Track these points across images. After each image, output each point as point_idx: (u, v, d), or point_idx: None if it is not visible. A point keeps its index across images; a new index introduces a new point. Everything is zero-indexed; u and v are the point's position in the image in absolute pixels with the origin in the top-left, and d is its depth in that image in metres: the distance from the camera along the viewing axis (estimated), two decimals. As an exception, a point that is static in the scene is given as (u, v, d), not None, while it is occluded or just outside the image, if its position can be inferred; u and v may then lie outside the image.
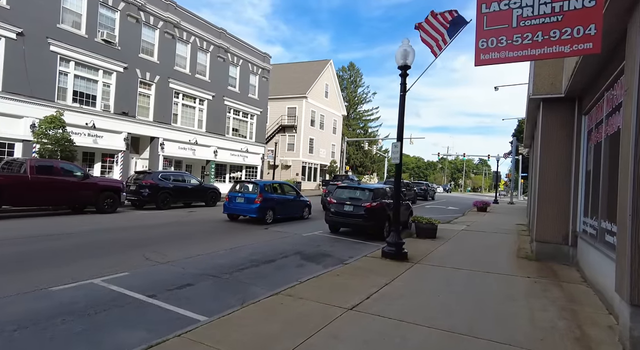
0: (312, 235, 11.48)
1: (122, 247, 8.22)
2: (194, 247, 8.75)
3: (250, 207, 13.16)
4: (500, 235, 12.85)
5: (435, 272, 7.22)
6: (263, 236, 10.85)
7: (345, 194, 12.03)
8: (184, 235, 10.26)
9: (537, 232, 8.50)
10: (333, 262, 8.04)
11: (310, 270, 7.29)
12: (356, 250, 9.67)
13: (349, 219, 11.51)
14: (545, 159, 8.43)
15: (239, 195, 13.62)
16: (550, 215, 8.34)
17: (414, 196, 29.73)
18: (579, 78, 6.71)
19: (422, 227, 11.52)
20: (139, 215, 14.33)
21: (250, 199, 13.29)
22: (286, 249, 9.12)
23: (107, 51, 19.49)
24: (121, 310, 4.72)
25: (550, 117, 8.41)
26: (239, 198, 13.56)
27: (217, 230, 11.55)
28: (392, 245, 8.18)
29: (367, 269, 7.22)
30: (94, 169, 20.28)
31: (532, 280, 6.73)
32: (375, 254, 8.55)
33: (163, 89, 22.94)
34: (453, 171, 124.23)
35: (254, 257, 8.12)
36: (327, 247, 9.88)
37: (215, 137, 26.93)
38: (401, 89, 8.37)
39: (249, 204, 13.24)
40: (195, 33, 24.90)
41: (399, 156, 8.33)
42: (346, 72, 72.74)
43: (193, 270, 6.75)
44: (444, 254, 9.00)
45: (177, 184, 17.27)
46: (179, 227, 11.82)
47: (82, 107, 18.57)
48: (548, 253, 8.36)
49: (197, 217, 14.44)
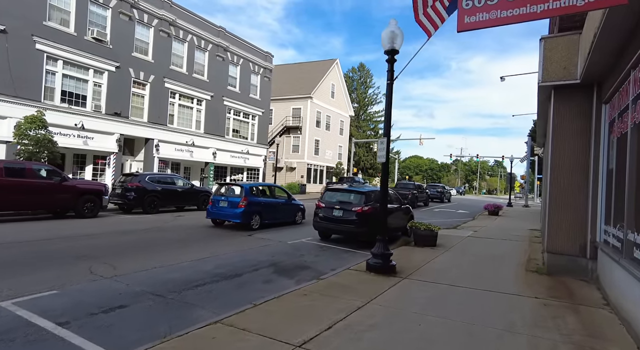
0: (298, 243, 10.43)
1: (72, 258, 7.31)
2: (156, 257, 7.79)
3: (234, 211, 12.14)
4: (510, 242, 11.58)
5: (425, 290, 6.08)
6: (242, 244, 9.85)
7: (335, 197, 10.95)
8: (154, 243, 9.33)
9: (549, 241, 7.27)
10: (309, 276, 6.98)
11: (278, 287, 6.24)
12: (343, 260, 8.59)
13: (339, 225, 10.42)
14: (558, 156, 7.22)
15: (223, 199, 12.58)
16: (564, 222, 7.11)
17: (426, 198, 29.65)
18: (598, 57, 5.53)
19: (420, 233, 10.35)
20: (121, 220, 13.51)
21: (234, 202, 12.26)
22: (261, 260, 8.09)
23: (98, 50, 18.86)
24: (4, 347, 3.74)
25: (564, 107, 7.20)
26: (223, 202, 12.51)
27: (194, 238, 10.60)
28: (378, 256, 7.08)
29: (344, 285, 6.14)
30: (85, 171, 19.66)
31: (540, 302, 5.54)
32: (360, 266, 7.46)
33: (158, 89, 22.25)
34: (467, 173, 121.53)
35: (218, 270, 7.11)
36: (310, 257, 8.81)
37: (214, 139, 26.14)
38: (388, 76, 7.28)
39: (233, 208, 12.21)
40: (193, 31, 24.18)
41: (385, 154, 7.22)
42: (356, 73, 71.52)
43: (137, 287, 5.78)
44: (440, 266, 7.84)
45: (166, 187, 16.44)
46: (155, 233, 10.91)
47: (70, 108, 17.94)
48: (562, 266, 7.13)
49: (182, 223, 13.54)
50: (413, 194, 25.79)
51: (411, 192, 25.80)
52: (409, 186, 27.65)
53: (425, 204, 29.50)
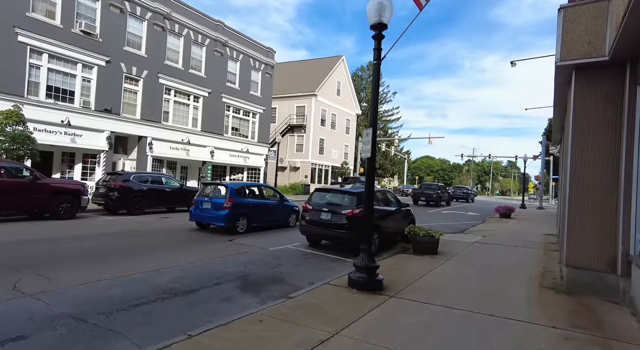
0: (281, 250, 9.32)
1: (3, 268, 6.31)
2: (109, 266, 6.77)
3: (218, 214, 11.09)
4: (522, 250, 10.29)
5: (414, 313, 4.92)
6: (217, 251, 8.78)
7: (324, 198, 9.80)
8: (115, 249, 8.32)
9: (569, 253, 6.02)
10: (279, 293, 5.87)
11: (236, 307, 5.15)
12: (327, 271, 7.46)
13: (327, 229, 9.27)
14: (580, 150, 5.97)
15: (206, 200, 11.56)
16: (588, 230, 5.86)
17: (448, 198, 32.34)
18: (634, 24, 4.30)
19: (419, 240, 9.15)
20: (98, 222, 12.60)
21: (218, 204, 11.23)
22: (229, 272, 7.00)
23: (87, 43, 18.06)
24: None
25: (588, 91, 5.95)
26: (206, 203, 11.50)
27: (167, 243, 9.57)
28: (362, 270, 5.93)
29: (316, 306, 5.02)
30: (75, 170, 18.89)
31: (560, 335, 4.34)
32: (342, 280, 6.32)
33: (152, 85, 21.39)
34: (480, 174, 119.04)
35: (173, 284, 6.04)
36: (289, 267, 7.69)
37: (212, 137, 25.22)
38: (375, 55, 6.14)
39: (217, 210, 11.18)
40: (189, 25, 23.29)
41: (371, 148, 6.07)
42: (365, 72, 70.15)
43: (59, 308, 4.73)
44: (438, 281, 6.65)
45: (153, 187, 15.50)
46: (124, 237, 9.92)
47: (57, 104, 17.16)
48: (585, 284, 5.88)
49: (164, 225, 12.56)
50: (437, 194, 28.44)
51: (435, 192, 28.58)
52: (432, 186, 30.28)
53: (447, 204, 31.61)
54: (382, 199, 10.71)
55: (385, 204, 10.68)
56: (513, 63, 17.12)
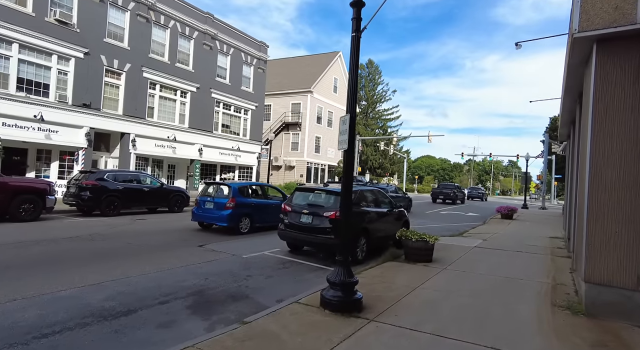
0: (256, 257, 8.26)
1: None
2: (40, 280, 5.71)
3: (221, 214, 10.74)
4: (527, 256, 9.22)
5: (395, 346, 3.85)
6: (181, 259, 7.70)
7: (305, 199, 8.73)
8: (61, 258, 7.24)
9: (587, 266, 4.95)
10: (238, 314, 4.83)
11: (175, 335, 4.10)
12: (302, 284, 6.40)
13: (308, 234, 8.18)
14: (602, 140, 4.90)
15: (209, 200, 11.25)
16: (613, 239, 4.79)
17: (462, 197, 36.13)
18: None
19: (412, 246, 8.08)
20: (64, 224, 11.55)
21: (221, 204, 10.89)
22: (184, 286, 5.93)
23: (62, 33, 16.99)
24: None
25: (613, 69, 4.87)
26: (209, 203, 11.20)
27: (130, 249, 8.50)
28: (337, 287, 4.87)
29: (272, 336, 3.96)
30: (51, 168, 17.83)
31: (587, 381, 3.27)
32: (314, 297, 5.26)
33: (135, 79, 20.32)
34: (481, 173, 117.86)
35: (108, 303, 4.98)
36: (259, 279, 6.63)
37: (201, 134, 24.15)
38: (353, 26, 5.12)
39: (220, 210, 10.84)
40: (175, 17, 22.21)
41: (347, 139, 5.00)
42: (364, 70, 69.03)
43: (-62, 341, 3.69)
44: (430, 296, 5.59)
45: (129, 186, 14.43)
46: (80, 243, 8.84)
47: (29, 97, 16.10)
48: (608, 304, 4.81)
49: (135, 228, 11.49)
50: (454, 192, 32.37)
51: (452, 191, 32.47)
52: (449, 186, 34.02)
53: (462, 202, 35.09)
54: (372, 199, 9.66)
55: (375, 204, 9.62)
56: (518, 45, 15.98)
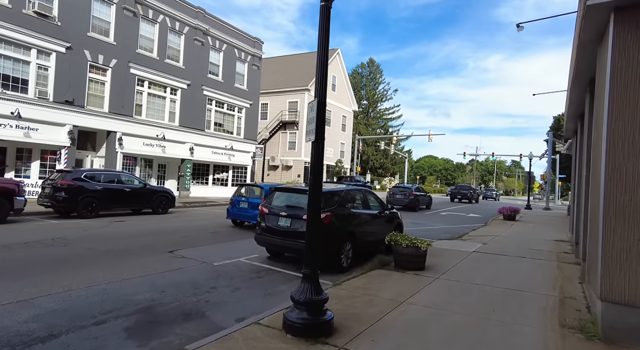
0: (229, 265, 7.43)
1: None
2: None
3: (254, 213, 11.29)
4: (531, 262, 8.36)
5: (363, 391, 3.01)
6: (142, 268, 6.87)
7: (284, 200, 7.91)
8: (2, 268, 6.45)
9: (604, 281, 4.10)
10: (184, 339, 4.02)
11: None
12: (273, 298, 5.58)
13: (287, 239, 7.33)
14: (623, 126, 4.05)
15: (243, 200, 12.44)
16: (636, 248, 3.95)
17: (476, 196, 38.57)
18: None
19: (401, 252, 7.25)
20: (34, 226, 10.78)
21: (255, 204, 11.70)
22: (134, 299, 5.12)
23: (42, 27, 16.24)
24: None
25: (634, 42, 4.03)
26: (243, 203, 12.38)
27: (90, 256, 7.69)
28: (302, 306, 4.04)
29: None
30: (31, 168, 17.09)
31: None
32: (277, 317, 4.42)
33: (122, 75, 19.55)
34: (483, 173, 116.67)
35: (28, 325, 4.18)
36: (225, 291, 5.80)
37: (192, 133, 23.35)
38: (322, -6, 4.24)
39: (253, 209, 11.63)
40: (165, 11, 21.44)
41: (315, 128, 4.19)
42: (365, 69, 68.23)
43: None
44: (417, 315, 4.75)
45: (109, 186, 13.65)
46: (37, 249, 8.03)
47: (5, 93, 15.35)
48: (631, 328, 3.96)
49: (110, 231, 10.70)
50: (470, 192, 35.75)
51: (468, 191, 36.06)
52: (465, 187, 37.75)
53: (476, 201, 37.68)
54: (361, 200, 8.82)
55: (364, 206, 8.78)
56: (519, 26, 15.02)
